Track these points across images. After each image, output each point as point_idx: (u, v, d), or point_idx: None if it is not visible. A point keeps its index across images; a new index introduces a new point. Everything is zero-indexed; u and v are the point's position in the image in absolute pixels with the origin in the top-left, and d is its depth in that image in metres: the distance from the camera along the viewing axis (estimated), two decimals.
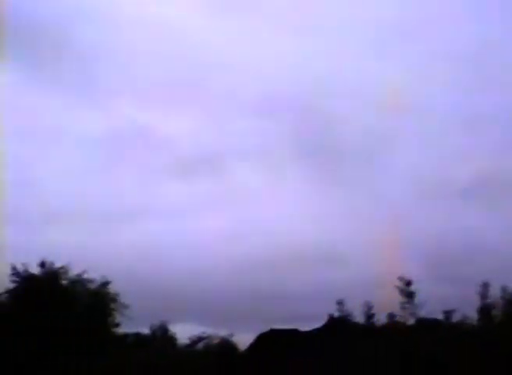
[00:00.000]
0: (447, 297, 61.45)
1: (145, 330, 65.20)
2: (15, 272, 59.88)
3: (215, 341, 63.55)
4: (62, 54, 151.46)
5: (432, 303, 58.67)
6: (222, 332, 64.76)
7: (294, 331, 55.90)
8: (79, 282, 61.61)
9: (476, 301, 61.20)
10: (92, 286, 61.94)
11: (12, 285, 60.32)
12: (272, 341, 54.23)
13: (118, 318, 62.26)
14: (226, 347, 61.67)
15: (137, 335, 64.70)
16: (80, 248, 75.19)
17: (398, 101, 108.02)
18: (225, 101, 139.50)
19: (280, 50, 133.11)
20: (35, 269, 60.67)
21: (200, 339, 62.21)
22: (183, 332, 65.51)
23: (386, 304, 60.75)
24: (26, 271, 60.18)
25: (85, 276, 61.18)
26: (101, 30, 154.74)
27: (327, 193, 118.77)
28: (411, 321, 58.71)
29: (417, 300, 59.55)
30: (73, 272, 61.21)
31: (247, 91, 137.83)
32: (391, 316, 60.41)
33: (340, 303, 58.03)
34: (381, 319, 60.86)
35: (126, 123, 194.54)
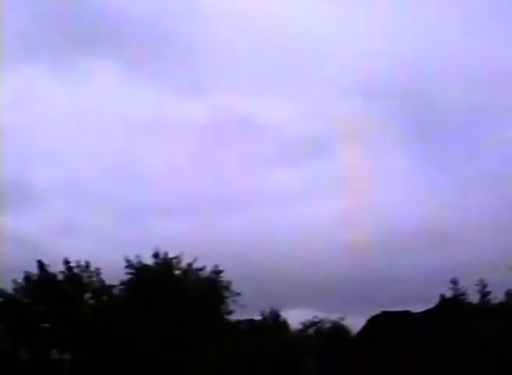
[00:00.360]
0: None
1: (257, 317, 65.77)
2: (129, 264, 61.35)
3: (327, 325, 63.68)
4: (163, 49, 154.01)
5: None
6: (334, 316, 64.80)
7: (406, 313, 55.08)
8: (191, 271, 62.64)
9: None
10: (203, 274, 62.89)
11: (126, 277, 61.92)
12: (384, 324, 53.65)
13: (230, 305, 63.11)
14: (338, 330, 61.64)
15: (250, 322, 65.26)
16: (191, 237, 76.36)
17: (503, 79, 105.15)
18: (327, 84, 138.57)
19: (380, 31, 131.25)
20: (149, 260, 62.03)
21: (312, 324, 62.46)
22: (295, 317, 65.85)
23: (501, 282, 59.19)
24: (139, 262, 61.59)
25: (196, 264, 62.29)
26: (200, 23, 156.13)
27: (434, 173, 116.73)
28: None
29: None
30: (185, 261, 62.40)
31: (348, 74, 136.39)
32: (508, 294, 58.80)
33: (454, 282, 56.74)
34: (497, 297, 59.26)
35: (229, 112, 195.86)
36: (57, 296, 60.37)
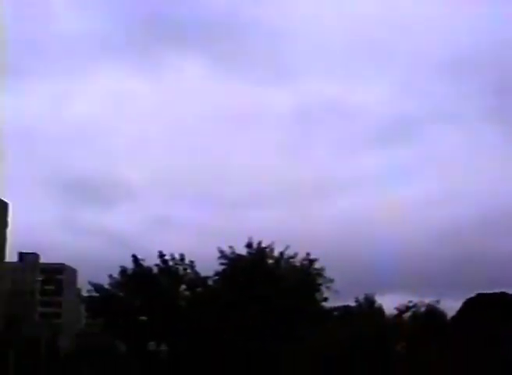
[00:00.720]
0: None
1: (351, 303, 65.34)
2: (222, 254, 61.87)
3: (422, 309, 62.67)
4: (248, 39, 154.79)
5: None
6: (429, 299, 63.75)
7: (503, 295, 53.96)
8: (283, 259, 62.78)
9: None
10: (296, 262, 62.92)
11: (220, 268, 62.46)
12: (480, 306, 52.68)
13: (325, 292, 62.94)
14: (434, 314, 60.57)
15: (345, 308, 64.94)
16: (283, 225, 76.75)
17: None
18: (415, 64, 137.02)
19: (467, 13, 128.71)
20: (242, 250, 62.41)
21: (407, 308, 61.52)
22: (390, 302, 65.14)
23: None
24: (233, 253, 62.04)
25: (288, 252, 62.33)
26: (283, 11, 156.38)
27: None
28: None
29: None
30: (278, 250, 62.53)
31: (435, 55, 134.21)
32: None
33: None
34: None
35: (316, 97, 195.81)
36: (153, 289, 61.47)
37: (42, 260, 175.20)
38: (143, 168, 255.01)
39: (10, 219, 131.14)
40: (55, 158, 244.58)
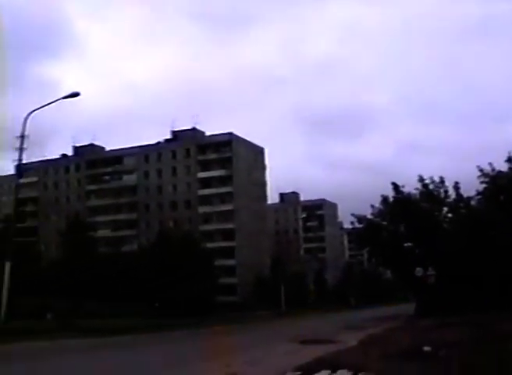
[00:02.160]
0: None
1: None
2: (482, 173, 59.86)
3: None
4: None
5: None
6: None
7: None
8: None
9: None
10: None
11: (481, 187, 60.54)
12: None
13: None
14: None
15: None
16: None
17: None
18: None
19: None
20: (503, 166, 60.04)
21: None
22: None
23: None
24: (493, 170, 59.87)
25: None
26: None
27: None
28: None
29: None
30: None
31: None
32: None
33: None
34: None
35: None
36: (415, 214, 61.01)
37: (302, 198, 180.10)
38: (387, 95, 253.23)
39: (267, 162, 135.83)
40: (299, 98, 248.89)
